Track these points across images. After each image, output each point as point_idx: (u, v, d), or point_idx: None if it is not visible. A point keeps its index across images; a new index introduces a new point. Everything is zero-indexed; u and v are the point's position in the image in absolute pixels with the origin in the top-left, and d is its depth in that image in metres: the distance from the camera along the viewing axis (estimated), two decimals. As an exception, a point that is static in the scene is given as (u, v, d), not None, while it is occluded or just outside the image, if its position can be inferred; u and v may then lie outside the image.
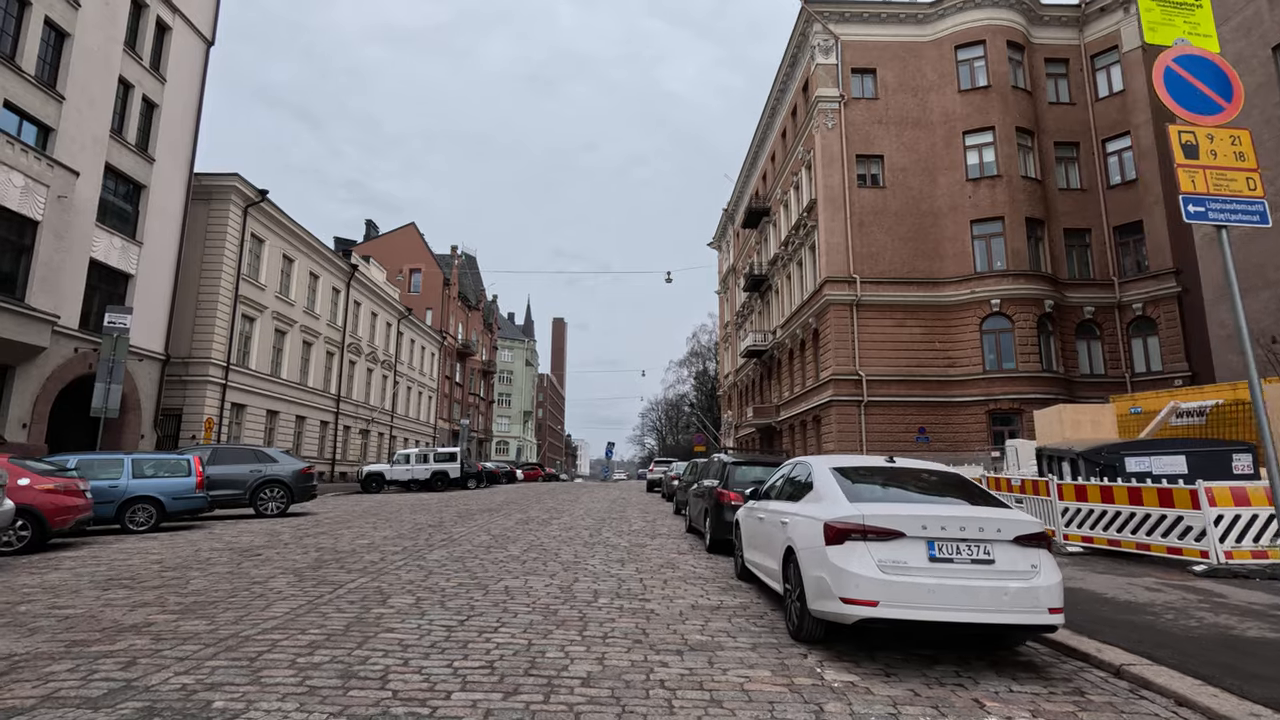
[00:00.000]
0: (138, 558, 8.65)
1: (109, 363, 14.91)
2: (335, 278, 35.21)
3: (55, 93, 18.14)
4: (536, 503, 20.90)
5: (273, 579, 7.11)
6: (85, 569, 7.76)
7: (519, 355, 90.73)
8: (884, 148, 27.55)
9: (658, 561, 8.74)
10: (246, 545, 9.81)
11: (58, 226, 17.36)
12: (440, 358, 53.28)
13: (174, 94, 22.95)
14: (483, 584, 6.93)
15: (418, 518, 14.49)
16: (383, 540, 10.44)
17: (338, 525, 12.87)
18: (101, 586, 6.69)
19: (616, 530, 12.15)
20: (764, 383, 38.07)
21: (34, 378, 17.66)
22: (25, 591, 6.43)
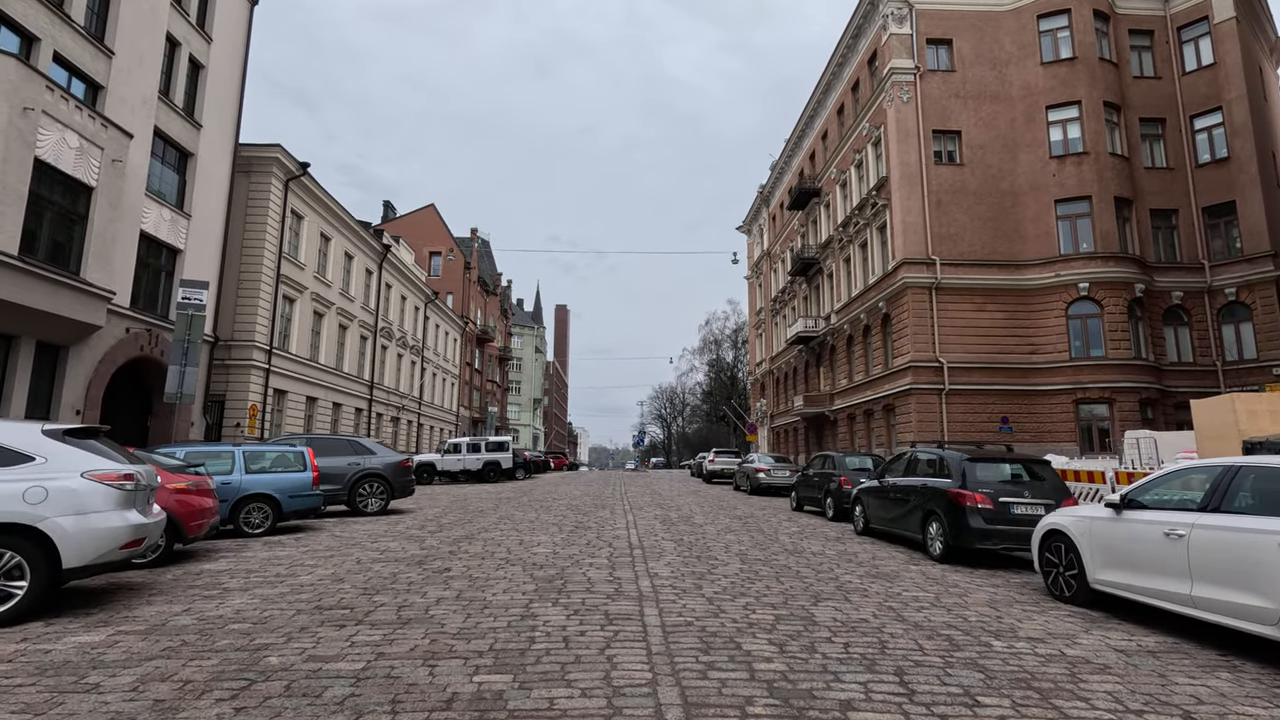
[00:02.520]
0: (304, 571, 7.29)
1: (183, 344, 13.43)
2: (369, 259, 33.64)
3: (105, 47, 16.49)
4: (628, 495, 19.61)
5: (509, 606, 5.78)
6: (255, 586, 6.40)
7: (528, 342, 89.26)
8: (961, 123, 26.21)
9: (910, 584, 7.47)
10: (406, 553, 8.47)
11: (111, 194, 15.78)
12: (462, 344, 51.77)
13: (220, 55, 21.27)
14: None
15: (553, 515, 13.18)
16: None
17: (480, 524, 11.53)
18: (312, 613, 5.34)
19: (794, 535, 10.87)
20: (810, 370, 36.85)
21: (87, 359, 16.15)
22: (232, 628, 5.08)
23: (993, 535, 7.92)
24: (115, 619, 5.17)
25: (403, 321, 38.81)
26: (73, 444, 5.47)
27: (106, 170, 15.60)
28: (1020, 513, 8.01)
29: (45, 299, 13.94)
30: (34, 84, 13.59)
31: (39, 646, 4.45)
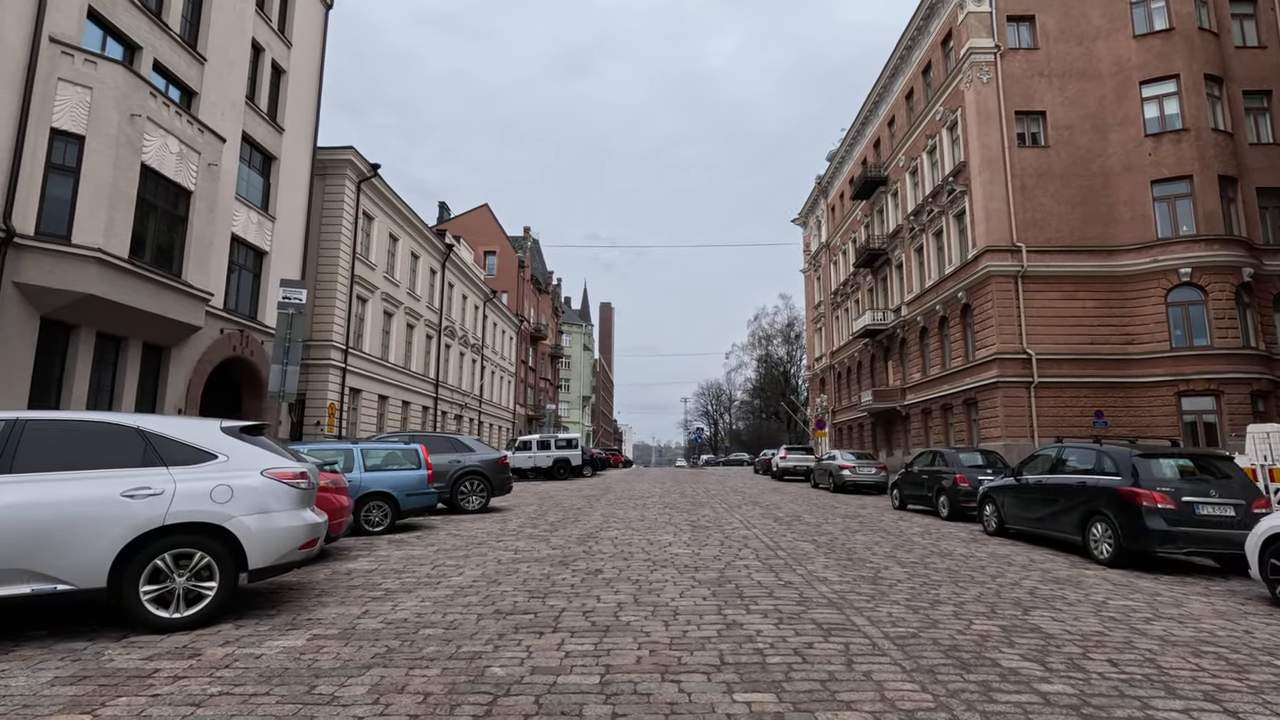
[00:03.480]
0: (451, 571, 7.11)
1: (285, 343, 13.55)
2: (433, 259, 33.97)
3: (198, 53, 16.82)
4: (712, 492, 19.22)
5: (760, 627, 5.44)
6: (415, 587, 6.22)
7: (577, 340, 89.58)
8: (1046, 103, 24.97)
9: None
10: (540, 553, 8.25)
11: (208, 197, 16.09)
12: (517, 342, 52.09)
13: (299, 60, 21.59)
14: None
15: (655, 513, 12.89)
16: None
17: (590, 523, 11.31)
18: (496, 618, 5.10)
19: (931, 536, 10.32)
20: (878, 364, 35.83)
21: (187, 360, 16.52)
22: (427, 634, 4.86)
23: (1176, 538, 7.27)
24: (300, 621, 5.02)
25: (464, 320, 39.17)
26: (249, 441, 5.35)
27: (203, 174, 15.90)
28: (1208, 514, 7.33)
29: (152, 301, 14.25)
30: (140, 91, 13.87)
31: (245, 650, 4.29)
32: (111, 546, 4.60)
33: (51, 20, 12.75)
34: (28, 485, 4.53)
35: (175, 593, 4.79)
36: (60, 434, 4.81)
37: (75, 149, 12.97)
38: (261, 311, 19.67)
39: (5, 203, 11.92)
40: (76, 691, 3.60)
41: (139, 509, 4.71)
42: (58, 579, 4.48)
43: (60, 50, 12.82)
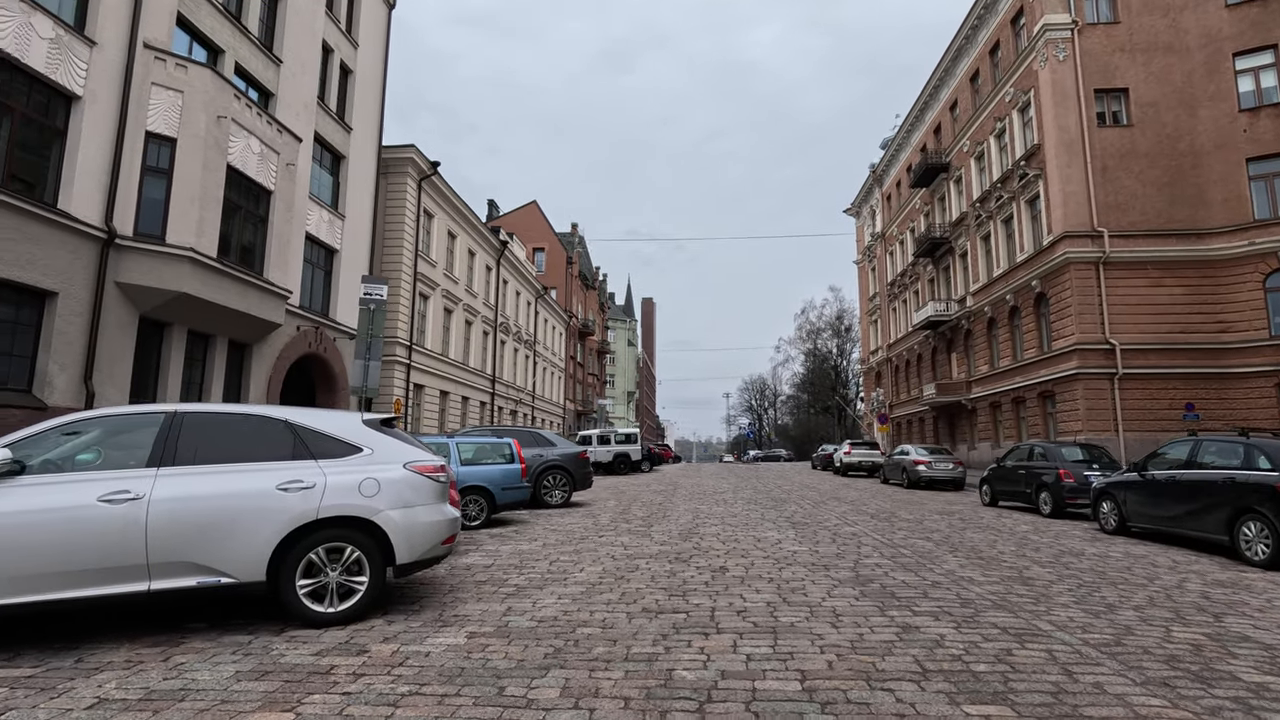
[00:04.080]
0: (570, 567, 6.97)
1: (367, 338, 13.67)
2: (488, 255, 34.23)
3: (274, 55, 17.12)
4: (782, 489, 18.85)
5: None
6: (545, 583, 6.08)
7: (621, 335, 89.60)
8: (1128, 79, 23.71)
9: None
10: (650, 549, 8.07)
11: (286, 197, 16.38)
12: (566, 337, 52.29)
13: (365, 60, 21.88)
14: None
15: (740, 508, 12.64)
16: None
17: (681, 519, 11.12)
18: (646, 616, 4.91)
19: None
20: (939, 357, 34.78)
21: (267, 357, 16.89)
22: (585, 633, 4.69)
23: (1348, 538, 6.66)
24: (448, 618, 4.91)
25: (517, 316, 39.43)
26: (389, 434, 5.27)
27: (282, 174, 16.19)
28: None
29: (238, 299, 14.56)
30: (225, 93, 14.15)
31: (410, 648, 4.19)
32: (270, 540, 4.56)
33: (145, 26, 13.08)
34: (190, 478, 4.52)
35: (328, 587, 4.73)
36: (215, 426, 4.80)
37: (168, 151, 13.30)
38: (333, 309, 20.02)
39: (107, 205, 12.27)
40: (266, 687, 3.52)
41: (294, 502, 4.66)
42: (221, 572, 4.45)
43: (154, 55, 13.14)
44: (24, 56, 10.86)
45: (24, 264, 10.82)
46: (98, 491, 4.28)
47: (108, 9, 12.35)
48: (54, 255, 11.31)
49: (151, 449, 4.55)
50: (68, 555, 4.14)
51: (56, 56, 11.41)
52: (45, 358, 11.30)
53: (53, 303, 11.41)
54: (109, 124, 12.39)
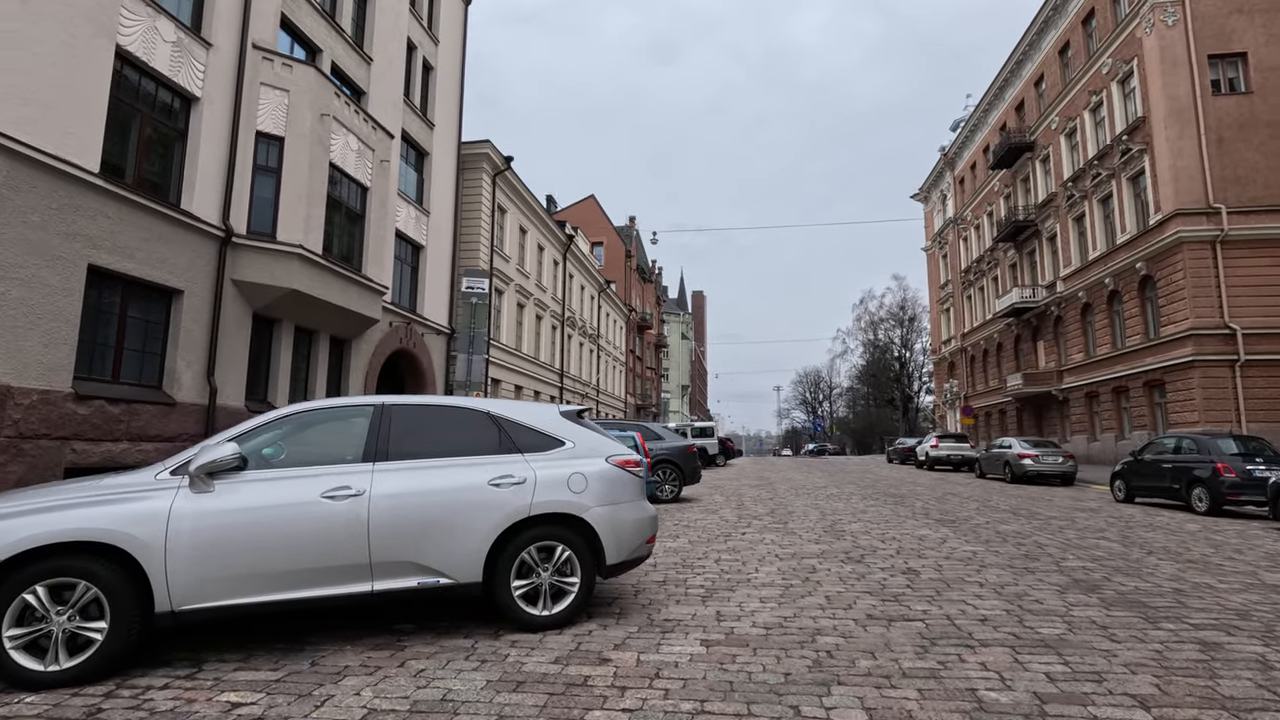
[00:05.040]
0: (748, 565, 6.63)
1: (468, 332, 13.66)
2: (555, 249, 34.22)
3: (365, 54, 17.25)
4: (881, 486, 18.18)
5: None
6: (733, 585, 5.74)
7: (675, 329, 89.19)
8: (1247, 42, 22.02)
9: None
10: (814, 548, 7.67)
11: (381, 193, 16.49)
12: (626, 331, 52.15)
13: (444, 56, 21.96)
14: None
15: (859, 504, 12.14)
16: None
17: (806, 515, 10.70)
18: (888, 624, 4.52)
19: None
20: (1023, 345, 33.23)
21: (364, 352, 17.09)
22: (826, 642, 4.32)
23: None
24: (660, 622, 4.61)
25: (582, 311, 39.42)
26: (585, 426, 4.99)
27: (377, 170, 16.29)
28: None
29: (341, 295, 14.69)
30: (327, 91, 14.26)
31: (652, 657, 3.89)
32: (486, 538, 4.33)
33: (254, 28, 13.24)
34: (406, 473, 4.32)
35: (540, 588, 4.48)
36: (421, 419, 4.59)
37: (276, 150, 13.46)
38: (421, 304, 20.17)
39: (223, 204, 12.48)
40: (534, 701, 3.26)
41: (506, 498, 4.42)
42: (440, 572, 4.24)
43: (261, 56, 13.30)
44: (150, 60, 11.06)
45: (155, 263, 11.06)
46: (320, 488, 4.11)
47: (221, 11, 12.53)
48: (179, 254, 11.53)
49: (365, 443, 4.37)
50: (295, 554, 3.98)
51: (178, 59, 11.61)
52: (174, 355, 11.55)
53: (179, 301, 11.65)
54: (224, 124, 12.58)
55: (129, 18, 10.65)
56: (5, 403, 8.74)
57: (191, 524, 3.81)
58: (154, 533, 3.73)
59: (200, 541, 3.80)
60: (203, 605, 3.79)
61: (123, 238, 10.47)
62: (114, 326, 10.70)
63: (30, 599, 3.51)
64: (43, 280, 9.26)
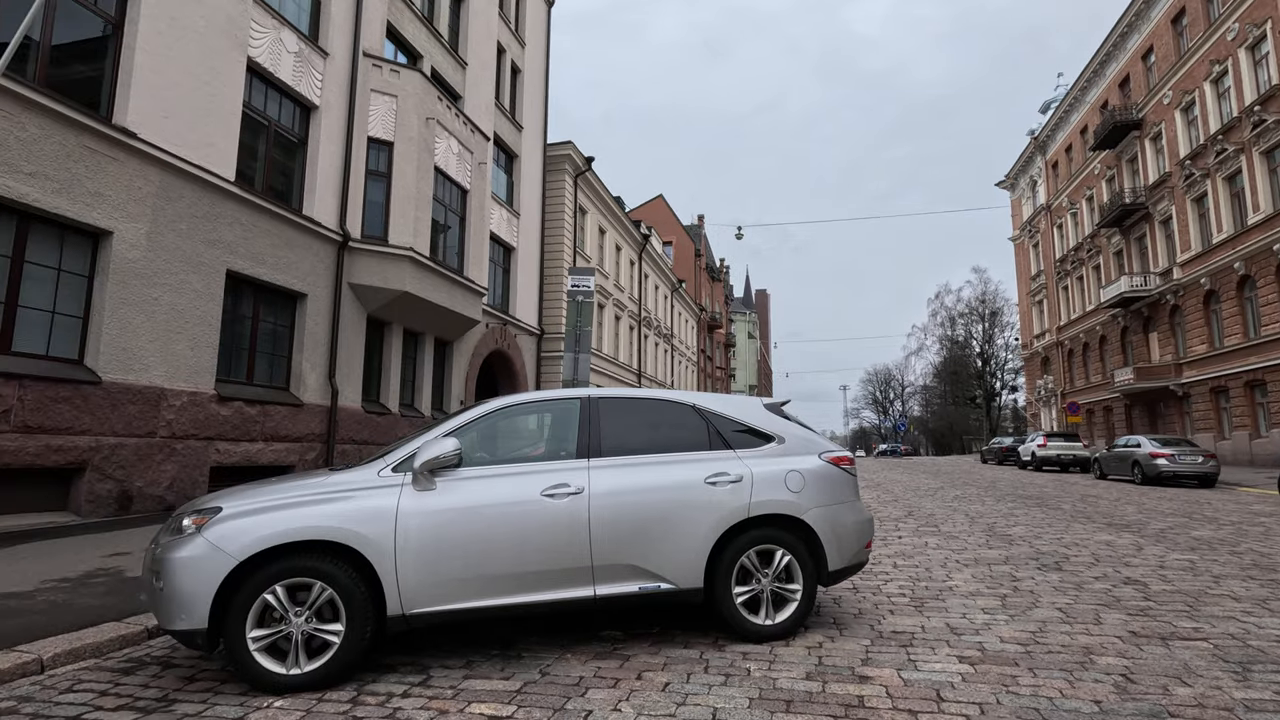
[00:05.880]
0: (935, 576, 6.13)
1: (575, 331, 13.48)
2: (631, 250, 34.11)
3: (460, 58, 17.45)
4: (1020, 493, 17.16)
5: None
6: (937, 595, 5.26)
7: (742, 328, 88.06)
8: (1405, -3, 19.79)
9: None
10: (987, 555, 7.09)
11: (479, 196, 16.63)
12: (697, 330, 51.69)
13: (530, 59, 22.09)
14: None
15: (1012, 505, 11.41)
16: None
17: (987, 519, 10.07)
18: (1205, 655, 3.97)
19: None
20: (1132, 337, 31.04)
21: (464, 354, 17.26)
22: (1112, 663, 3.83)
23: None
24: (890, 634, 4.19)
25: (657, 310, 39.21)
26: (792, 421, 4.62)
27: (475, 173, 16.42)
28: None
29: (446, 297, 14.84)
30: (430, 96, 14.42)
31: (917, 675, 3.47)
32: (706, 541, 4.01)
33: (365, 36, 13.50)
34: (621, 470, 4.04)
35: (762, 596, 4.13)
36: (628, 412, 4.31)
37: (385, 155, 13.69)
38: (513, 306, 20.30)
39: (340, 209, 12.74)
40: (824, 725, 2.89)
41: (724, 498, 4.09)
42: (661, 577, 3.94)
43: (371, 63, 13.55)
44: (276, 70, 11.36)
45: (283, 268, 11.33)
46: (539, 485, 3.87)
47: (335, 21, 12.80)
48: (303, 259, 11.81)
49: (578, 438, 4.12)
50: (520, 556, 3.75)
51: (300, 69, 11.90)
52: (299, 358, 11.83)
53: (303, 305, 11.92)
54: (339, 131, 12.85)
55: (258, 30, 10.95)
56: (160, 404, 9.04)
57: (418, 523, 3.63)
58: (383, 532, 3.57)
59: (428, 541, 3.62)
60: (433, 609, 3.60)
61: (255, 244, 10.76)
62: (248, 330, 11.01)
63: (270, 599, 3.39)
64: (189, 286, 9.57)
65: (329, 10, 12.68)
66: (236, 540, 3.37)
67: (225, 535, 3.38)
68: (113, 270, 8.54)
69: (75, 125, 8.06)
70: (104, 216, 8.44)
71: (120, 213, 8.63)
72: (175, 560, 3.34)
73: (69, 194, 8.04)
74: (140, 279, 8.87)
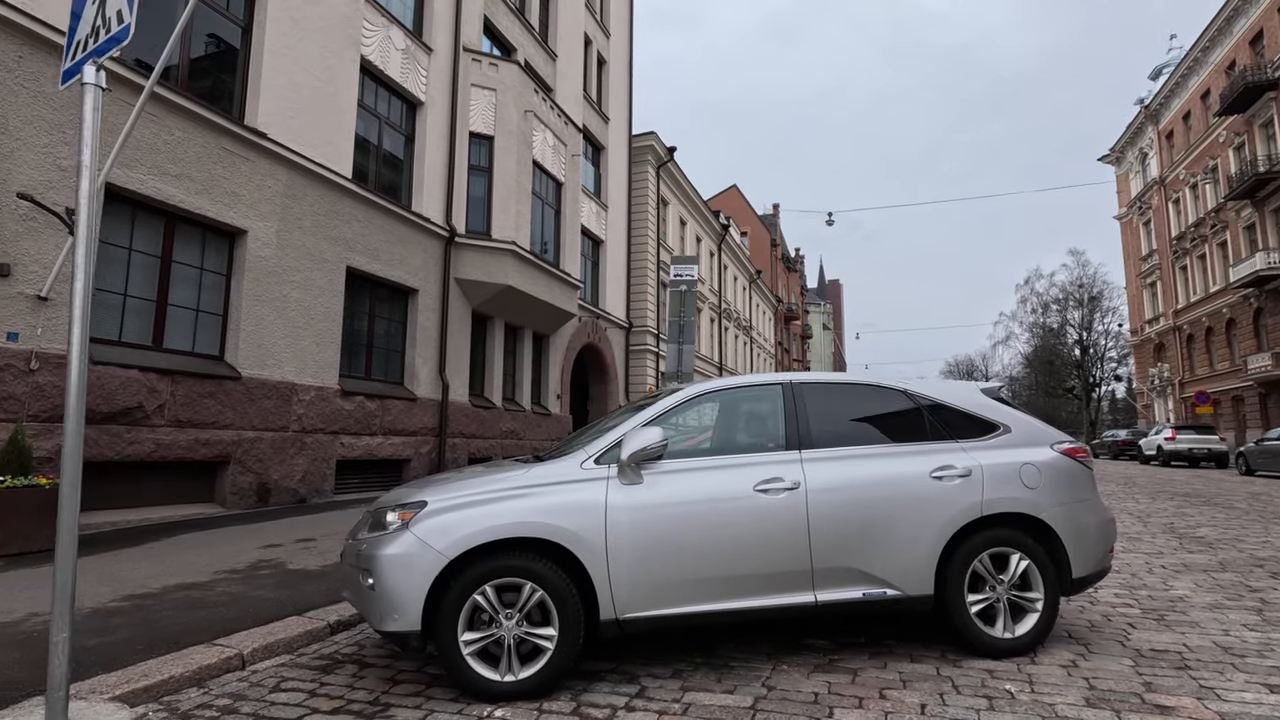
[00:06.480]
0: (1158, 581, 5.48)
1: (678, 321, 13.19)
2: (711, 241, 33.56)
3: (551, 50, 17.37)
4: (1207, 492, 15.83)
5: None
6: (1201, 614, 4.62)
7: (816, 319, 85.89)
8: None
9: None
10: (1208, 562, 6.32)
11: (572, 188, 16.51)
12: (774, 322, 50.61)
13: (615, 49, 21.87)
14: None
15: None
16: None
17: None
18: None
19: None
20: (1267, 320, 28.21)
21: (559, 348, 17.22)
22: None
23: None
24: (1147, 653, 3.63)
25: (735, 302, 38.52)
26: (1014, 408, 4.09)
27: (569, 165, 16.30)
28: None
29: (545, 290, 14.76)
30: (528, 88, 14.35)
31: (1219, 708, 2.91)
32: (935, 543, 3.56)
33: (464, 30, 13.52)
34: (837, 463, 3.64)
35: (998, 605, 3.64)
36: (833, 399, 3.90)
37: (486, 149, 13.69)
38: (602, 299, 20.16)
39: (446, 205, 12.81)
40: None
41: (953, 495, 3.62)
42: (887, 582, 3.52)
43: (471, 58, 13.56)
44: (386, 67, 11.47)
45: (396, 264, 11.46)
46: (750, 479, 3.51)
47: (438, 16, 12.86)
48: (414, 255, 11.91)
49: (785, 427, 3.74)
50: (735, 557, 3.40)
51: (407, 66, 11.99)
52: (412, 353, 11.95)
53: (414, 300, 12.04)
54: (443, 126, 12.91)
55: (369, 28, 11.06)
56: (291, 399, 9.23)
57: (629, 519, 3.33)
58: (594, 529, 3.28)
59: (640, 539, 3.31)
60: (647, 613, 3.30)
61: (371, 240, 10.89)
62: (365, 325, 11.18)
63: (480, 600, 3.16)
64: (314, 283, 9.74)
65: (432, 6, 12.74)
66: (445, 536, 3.16)
67: (433, 531, 3.18)
68: (248, 268, 8.75)
69: (214, 127, 8.26)
70: (240, 215, 8.64)
71: (254, 211, 8.83)
72: (385, 558, 3.15)
73: (209, 194, 8.25)
74: (272, 276, 9.07)
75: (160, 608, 4.32)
